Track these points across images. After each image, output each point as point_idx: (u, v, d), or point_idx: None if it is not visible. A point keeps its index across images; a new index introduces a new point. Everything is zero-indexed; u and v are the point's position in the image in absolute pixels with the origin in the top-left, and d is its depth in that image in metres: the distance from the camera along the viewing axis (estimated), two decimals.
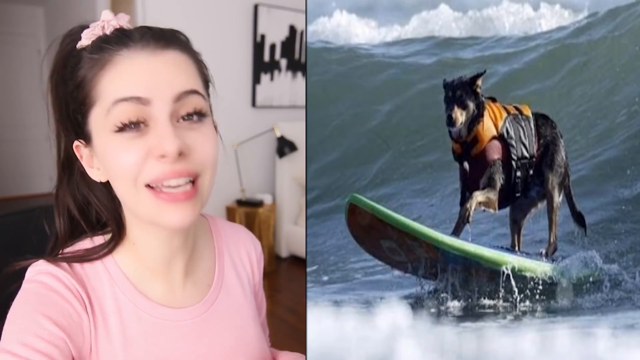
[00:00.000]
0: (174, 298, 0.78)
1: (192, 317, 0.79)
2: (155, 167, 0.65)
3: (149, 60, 0.65)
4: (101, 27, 0.69)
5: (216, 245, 0.89)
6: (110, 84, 0.65)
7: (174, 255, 0.78)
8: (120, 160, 0.65)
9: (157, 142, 0.64)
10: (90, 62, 0.67)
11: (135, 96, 0.64)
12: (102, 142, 0.67)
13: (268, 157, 4.42)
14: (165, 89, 0.65)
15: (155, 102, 0.64)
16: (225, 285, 0.86)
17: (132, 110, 0.64)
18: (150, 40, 0.66)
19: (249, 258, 0.93)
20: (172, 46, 0.68)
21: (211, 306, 0.82)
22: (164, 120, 0.65)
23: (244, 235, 0.96)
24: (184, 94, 0.66)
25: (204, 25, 3.79)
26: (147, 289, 0.76)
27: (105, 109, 0.65)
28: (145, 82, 0.64)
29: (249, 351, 0.85)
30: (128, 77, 0.65)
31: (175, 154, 0.64)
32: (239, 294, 0.88)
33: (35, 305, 0.67)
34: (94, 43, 0.68)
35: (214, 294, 0.83)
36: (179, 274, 0.80)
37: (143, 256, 0.76)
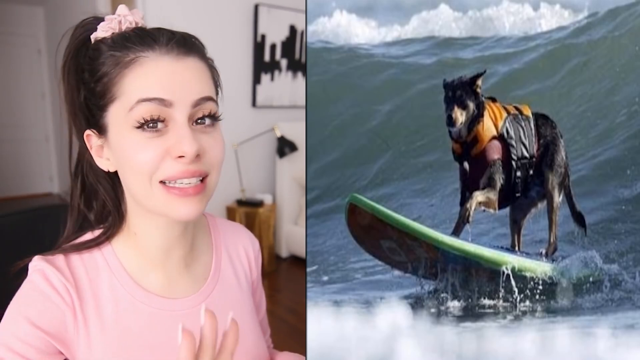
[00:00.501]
0: (171, 289, 0.80)
1: (187, 307, 0.81)
2: (173, 167, 0.68)
3: (172, 65, 0.69)
4: (118, 21, 0.72)
5: (214, 241, 0.91)
6: (134, 83, 0.68)
7: (172, 245, 0.80)
8: (139, 156, 0.68)
9: (175, 143, 0.67)
10: (113, 58, 0.69)
11: (159, 97, 0.67)
12: (121, 136, 0.69)
13: (268, 157, 4.42)
14: (186, 94, 0.68)
15: (176, 105, 0.68)
16: (222, 280, 0.88)
17: (155, 110, 0.67)
18: (174, 46, 0.70)
19: (246, 255, 0.95)
20: (192, 53, 0.71)
21: (206, 298, 0.83)
22: (184, 122, 0.68)
23: (242, 233, 0.98)
24: (201, 100, 0.70)
25: (204, 25, 3.79)
26: (144, 280, 0.79)
27: (127, 106, 0.68)
28: (169, 85, 0.68)
29: (244, 346, 0.85)
30: (153, 78, 0.68)
31: (194, 156, 0.67)
32: (236, 290, 0.90)
33: (18, 307, 0.71)
34: (115, 39, 0.71)
35: (210, 286, 0.85)
36: (177, 266, 0.82)
37: (142, 246, 0.78)
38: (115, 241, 0.79)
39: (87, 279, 0.75)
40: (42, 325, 0.70)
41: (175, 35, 0.71)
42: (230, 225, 0.97)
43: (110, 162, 0.74)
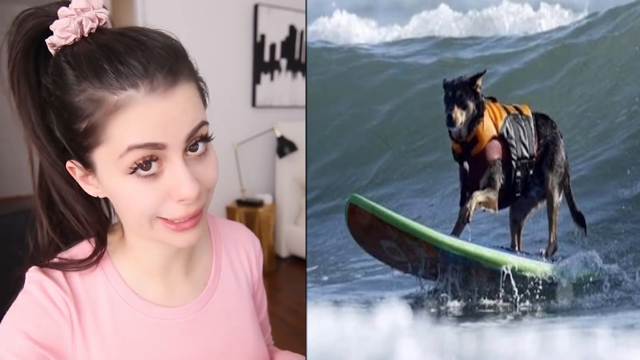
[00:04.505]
0: (170, 297, 0.79)
1: (185, 315, 0.79)
2: (174, 210, 0.65)
3: (161, 105, 0.61)
4: (78, 22, 0.63)
5: (214, 244, 0.89)
6: (123, 129, 0.61)
7: (172, 259, 0.78)
8: (138, 203, 0.64)
9: (175, 185, 0.64)
10: (91, 99, 0.61)
11: (151, 142, 0.61)
12: (113, 180, 0.64)
13: (268, 157, 4.42)
14: (179, 131, 0.63)
15: (170, 146, 0.62)
16: (221, 285, 0.86)
17: (147, 155, 0.62)
18: (161, 80, 0.61)
19: (247, 257, 0.93)
20: (180, 80, 0.63)
21: (205, 305, 0.82)
22: (180, 163, 0.63)
23: (243, 234, 0.96)
24: (194, 130, 0.65)
25: (204, 25, 3.79)
26: (143, 290, 0.77)
27: (117, 153, 0.62)
28: (161, 128, 0.61)
29: (244, 350, 0.85)
30: (143, 124, 0.61)
31: (196, 198, 0.64)
32: (236, 294, 0.88)
33: (15, 319, 0.69)
34: (82, 64, 0.61)
35: (209, 293, 0.84)
36: (177, 275, 0.80)
37: (141, 259, 0.77)
38: (115, 254, 0.77)
39: (85, 290, 0.73)
40: (39, 338, 0.68)
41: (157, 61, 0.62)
42: (231, 226, 0.95)
43: (100, 191, 0.69)
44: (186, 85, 0.64)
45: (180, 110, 0.63)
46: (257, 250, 0.96)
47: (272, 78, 4.36)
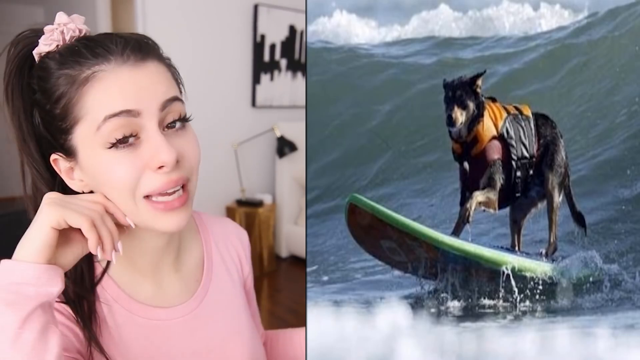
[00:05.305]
0: (164, 297, 0.80)
1: (183, 314, 0.81)
2: (155, 179, 0.66)
3: (132, 73, 0.66)
4: (60, 32, 0.69)
5: (203, 240, 0.90)
6: (96, 99, 0.65)
7: (160, 255, 0.79)
8: (117, 174, 0.65)
9: (152, 154, 0.65)
10: (67, 77, 0.65)
11: (126, 109, 0.64)
12: (93, 157, 0.66)
13: (268, 157, 4.42)
14: (152, 99, 0.66)
15: (144, 113, 0.65)
16: (215, 280, 0.88)
17: (124, 124, 0.64)
18: (130, 54, 0.66)
19: (236, 251, 0.95)
20: (149, 57, 0.68)
21: (201, 302, 0.83)
22: (155, 130, 0.66)
23: (231, 228, 0.97)
24: (168, 102, 0.67)
25: (204, 25, 3.79)
26: (137, 292, 0.78)
27: (94, 125, 0.65)
28: (133, 95, 0.65)
29: (241, 340, 0.87)
30: (116, 92, 0.64)
31: (174, 163, 0.66)
32: (229, 287, 0.90)
33: None
34: (63, 53, 0.67)
35: (204, 289, 0.85)
36: (167, 273, 0.81)
37: (130, 260, 0.77)
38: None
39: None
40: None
41: (129, 41, 0.68)
42: (218, 222, 0.96)
43: (85, 183, 0.70)
44: (157, 63, 0.69)
45: (150, 80, 0.67)
46: (244, 243, 0.97)
47: (272, 78, 4.36)
